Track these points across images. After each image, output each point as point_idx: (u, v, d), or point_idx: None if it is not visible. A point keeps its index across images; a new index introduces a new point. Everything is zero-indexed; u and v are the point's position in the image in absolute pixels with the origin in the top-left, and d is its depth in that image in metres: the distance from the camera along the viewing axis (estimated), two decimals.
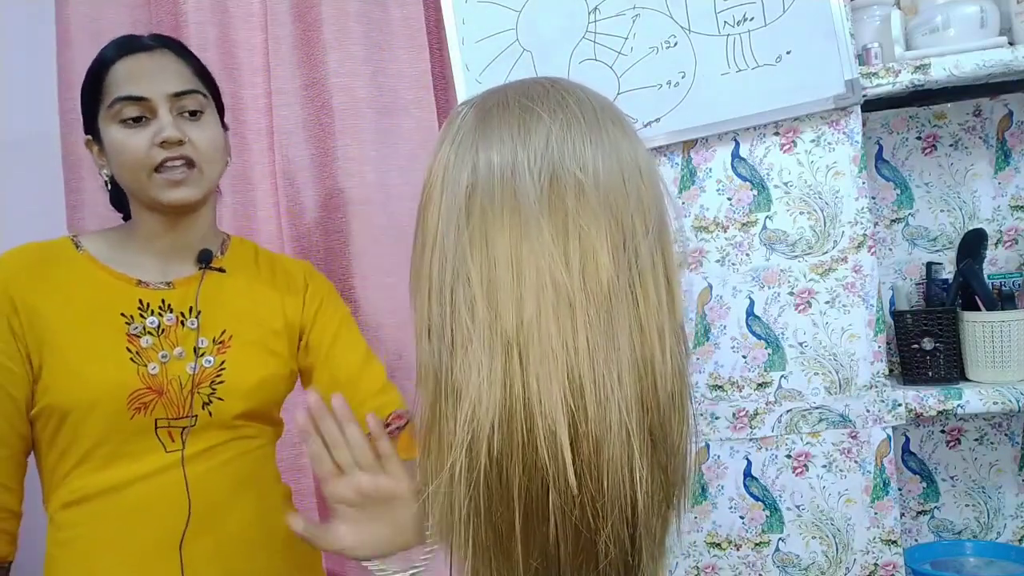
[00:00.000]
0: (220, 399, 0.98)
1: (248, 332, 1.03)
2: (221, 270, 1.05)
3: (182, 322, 0.99)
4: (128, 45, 0.99)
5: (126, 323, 0.96)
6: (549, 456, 0.49)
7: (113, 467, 0.93)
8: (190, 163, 0.96)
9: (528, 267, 0.51)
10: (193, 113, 0.98)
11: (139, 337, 0.96)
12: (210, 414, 0.97)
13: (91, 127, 1.00)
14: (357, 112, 1.33)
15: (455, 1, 1.22)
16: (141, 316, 0.97)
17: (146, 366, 0.95)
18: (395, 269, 1.33)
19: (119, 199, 1.04)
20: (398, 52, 1.34)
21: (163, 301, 0.99)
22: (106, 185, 1.02)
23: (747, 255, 1.15)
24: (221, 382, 0.98)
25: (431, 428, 0.55)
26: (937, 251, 1.31)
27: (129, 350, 0.95)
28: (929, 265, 1.25)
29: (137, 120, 0.95)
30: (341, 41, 1.33)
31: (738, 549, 1.17)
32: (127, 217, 1.06)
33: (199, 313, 1.00)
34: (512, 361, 0.50)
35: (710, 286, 1.17)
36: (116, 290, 0.98)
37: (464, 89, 1.23)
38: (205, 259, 1.03)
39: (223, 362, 0.99)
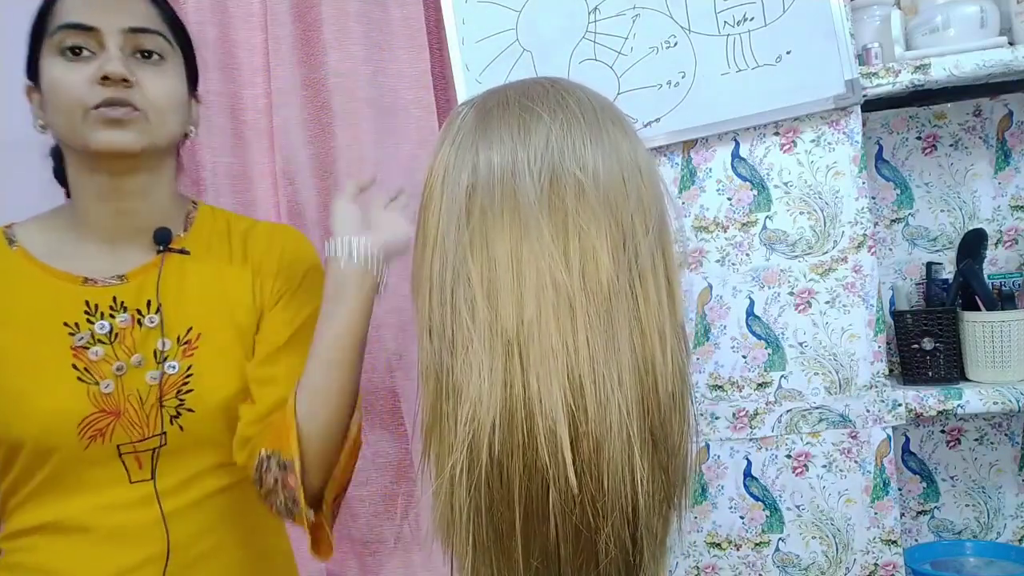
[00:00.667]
0: (190, 410, 0.83)
1: (219, 327, 0.87)
2: (184, 251, 0.88)
3: (139, 321, 0.83)
4: None
5: (70, 334, 0.81)
6: (549, 456, 0.49)
7: (70, 499, 0.81)
8: (135, 109, 0.80)
9: (528, 267, 0.51)
10: (150, 55, 0.82)
11: (87, 349, 0.81)
12: (181, 428, 0.83)
13: (33, 71, 0.84)
14: (357, 112, 1.33)
15: (455, 1, 1.22)
16: (89, 322, 0.82)
17: (97, 384, 0.80)
18: (395, 269, 1.33)
19: (64, 171, 0.89)
20: (398, 52, 1.34)
21: (114, 299, 0.83)
22: (52, 153, 0.88)
23: (747, 255, 1.15)
24: (189, 390, 0.83)
25: (432, 428, 0.55)
26: (937, 251, 1.31)
27: (75, 367, 0.80)
28: (929, 265, 1.25)
29: (79, 51, 0.79)
30: (341, 41, 1.33)
31: (738, 549, 1.17)
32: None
33: (159, 308, 0.84)
34: (512, 361, 0.50)
35: (710, 286, 1.17)
36: (58, 293, 0.83)
37: (464, 89, 1.22)
38: (162, 240, 0.86)
39: (190, 366, 0.84)
